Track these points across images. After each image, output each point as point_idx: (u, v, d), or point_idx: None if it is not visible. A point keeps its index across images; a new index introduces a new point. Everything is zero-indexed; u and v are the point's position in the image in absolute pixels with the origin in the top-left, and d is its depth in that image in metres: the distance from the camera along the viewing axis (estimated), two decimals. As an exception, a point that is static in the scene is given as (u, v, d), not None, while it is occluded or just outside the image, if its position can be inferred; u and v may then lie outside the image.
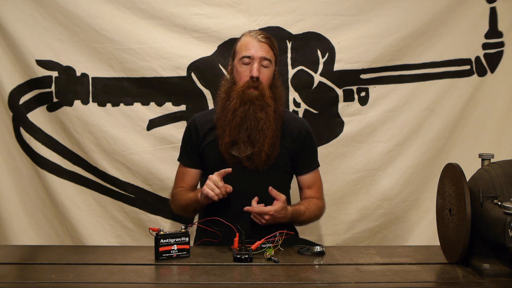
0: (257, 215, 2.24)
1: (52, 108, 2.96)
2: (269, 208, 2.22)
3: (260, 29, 2.87)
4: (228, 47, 2.78)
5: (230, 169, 2.23)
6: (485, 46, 2.98)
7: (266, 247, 2.09)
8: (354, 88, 2.97)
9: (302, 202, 2.43)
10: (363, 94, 2.97)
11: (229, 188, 2.21)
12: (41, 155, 2.97)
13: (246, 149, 2.32)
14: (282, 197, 2.25)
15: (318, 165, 2.50)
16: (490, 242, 1.90)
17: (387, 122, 2.99)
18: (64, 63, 2.93)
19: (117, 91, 2.95)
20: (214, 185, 2.17)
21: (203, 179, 2.49)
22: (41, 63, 2.92)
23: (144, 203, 3.00)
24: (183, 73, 2.93)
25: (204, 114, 2.51)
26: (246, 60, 2.33)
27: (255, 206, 2.25)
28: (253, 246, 2.06)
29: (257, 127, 2.31)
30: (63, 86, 2.93)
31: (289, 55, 2.94)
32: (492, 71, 2.99)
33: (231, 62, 2.43)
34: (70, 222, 2.99)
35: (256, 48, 2.33)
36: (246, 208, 2.23)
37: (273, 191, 2.24)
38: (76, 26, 2.89)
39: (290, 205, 2.34)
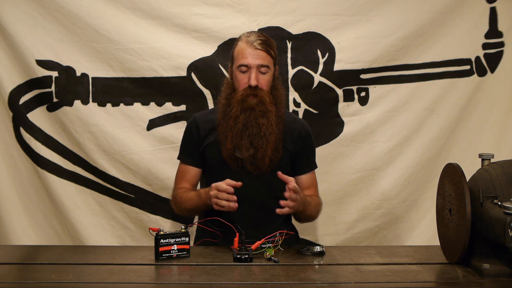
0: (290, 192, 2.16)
1: (52, 108, 2.96)
2: (291, 181, 2.17)
3: (260, 29, 2.88)
4: (228, 47, 2.76)
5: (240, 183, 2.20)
6: (485, 46, 2.98)
7: (266, 247, 2.08)
8: (354, 88, 2.97)
9: (307, 196, 2.39)
10: (363, 94, 2.97)
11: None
12: (41, 155, 2.97)
13: (249, 151, 2.32)
14: (291, 178, 2.20)
15: (316, 167, 2.50)
16: (490, 242, 1.90)
17: (387, 122, 2.99)
18: (64, 63, 2.93)
19: (117, 91, 2.94)
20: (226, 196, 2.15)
21: (203, 179, 2.50)
22: (41, 63, 2.91)
23: (144, 203, 3.00)
24: (183, 73, 2.92)
25: (204, 114, 2.51)
26: (244, 68, 2.32)
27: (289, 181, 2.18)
28: (253, 246, 2.06)
29: (259, 133, 2.30)
30: (63, 86, 2.93)
31: (289, 55, 2.93)
32: (492, 71, 2.99)
33: (230, 66, 2.42)
34: (70, 222, 2.99)
35: (252, 57, 2.31)
36: (280, 175, 2.17)
37: (282, 176, 2.19)
38: (76, 26, 2.89)
39: None
